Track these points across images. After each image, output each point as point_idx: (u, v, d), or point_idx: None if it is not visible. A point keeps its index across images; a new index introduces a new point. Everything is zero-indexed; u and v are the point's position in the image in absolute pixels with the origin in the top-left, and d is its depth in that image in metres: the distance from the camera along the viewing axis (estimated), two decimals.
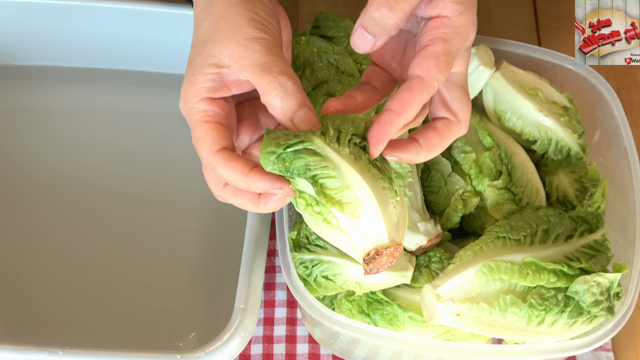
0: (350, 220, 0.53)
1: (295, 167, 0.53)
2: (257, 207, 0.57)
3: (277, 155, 0.54)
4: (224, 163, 0.55)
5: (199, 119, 0.56)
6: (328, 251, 0.65)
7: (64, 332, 0.76)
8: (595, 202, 0.75)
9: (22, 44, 0.89)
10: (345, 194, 0.53)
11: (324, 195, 0.53)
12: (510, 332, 0.62)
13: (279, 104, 0.55)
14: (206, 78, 0.56)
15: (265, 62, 0.55)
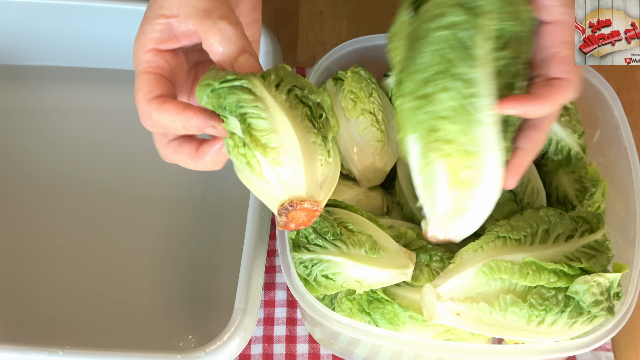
0: (272, 166, 0.53)
1: (228, 102, 0.52)
2: (195, 162, 0.57)
3: (212, 89, 0.53)
4: (158, 107, 0.54)
5: (141, 70, 0.56)
6: (327, 250, 0.65)
7: (64, 332, 0.76)
8: (595, 202, 0.75)
9: (21, 44, 0.89)
10: (271, 138, 0.52)
11: (250, 135, 0.52)
12: (511, 331, 0.61)
13: (218, 50, 0.54)
14: (154, 29, 0.55)
15: (206, 8, 0.54)
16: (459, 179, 0.58)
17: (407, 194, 0.75)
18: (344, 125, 0.75)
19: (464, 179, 0.58)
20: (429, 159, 0.59)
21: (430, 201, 0.61)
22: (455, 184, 0.59)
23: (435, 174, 0.59)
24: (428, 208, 0.62)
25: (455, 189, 0.59)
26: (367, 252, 0.64)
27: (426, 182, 0.61)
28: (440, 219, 0.61)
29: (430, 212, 0.62)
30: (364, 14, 1.01)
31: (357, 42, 0.79)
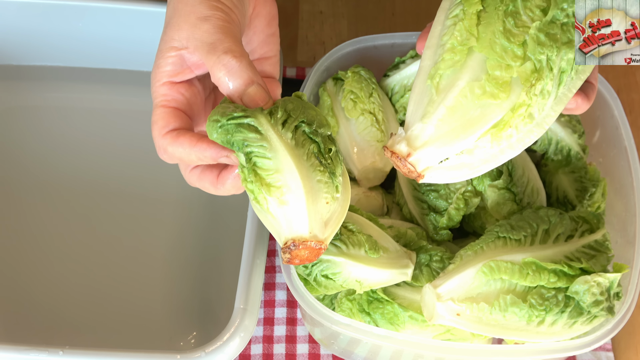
0: (277, 205, 0.53)
1: (235, 139, 0.53)
2: (217, 189, 0.58)
3: (220, 125, 0.54)
4: (172, 141, 0.55)
5: (157, 104, 0.57)
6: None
7: (64, 332, 0.76)
8: (595, 202, 0.75)
9: (22, 44, 0.89)
10: (275, 177, 0.53)
11: (254, 174, 0.53)
12: (511, 332, 0.61)
13: (226, 84, 0.54)
14: (167, 62, 0.56)
15: (211, 42, 0.54)
16: (501, 133, 0.54)
17: (406, 194, 0.75)
18: (344, 126, 0.75)
19: (502, 135, 0.54)
20: (501, 94, 0.53)
21: (446, 129, 0.54)
22: (492, 132, 0.54)
23: (491, 113, 0.53)
24: (435, 132, 0.54)
25: (486, 136, 0.54)
26: (367, 252, 0.64)
27: (463, 110, 0.53)
28: (438, 152, 0.54)
29: (435, 140, 0.54)
30: (364, 14, 1.01)
31: (357, 42, 0.79)
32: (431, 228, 0.72)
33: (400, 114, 0.76)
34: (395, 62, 0.79)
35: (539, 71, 0.53)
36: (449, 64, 0.54)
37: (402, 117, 0.76)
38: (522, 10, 0.54)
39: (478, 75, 0.53)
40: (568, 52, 0.55)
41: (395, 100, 0.77)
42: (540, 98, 0.54)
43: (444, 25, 0.57)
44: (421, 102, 0.55)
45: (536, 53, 0.53)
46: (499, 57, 0.53)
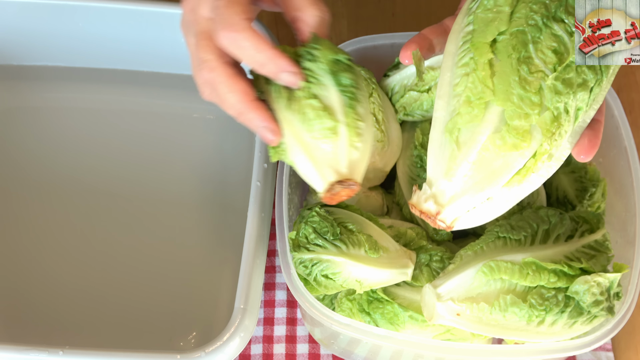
0: (349, 145, 0.59)
1: (345, 78, 0.60)
2: (243, 104, 0.58)
3: (337, 56, 0.60)
4: (252, 31, 0.56)
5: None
6: (327, 250, 0.65)
7: (64, 332, 0.76)
8: (595, 202, 0.75)
9: (22, 44, 0.89)
10: (360, 125, 0.60)
11: (349, 116, 0.60)
12: (511, 332, 0.61)
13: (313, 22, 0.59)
14: None
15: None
16: (524, 176, 0.55)
17: (406, 194, 0.75)
18: None
19: (525, 177, 0.55)
20: (524, 144, 0.53)
21: (473, 183, 0.54)
22: (516, 178, 0.55)
23: (514, 162, 0.54)
24: (462, 188, 0.55)
25: (513, 182, 0.55)
26: (367, 252, 0.64)
27: (487, 162, 0.54)
28: (467, 204, 0.55)
29: (463, 194, 0.55)
30: (364, 14, 1.01)
31: (357, 42, 0.79)
32: (431, 228, 0.72)
33: (400, 114, 0.76)
34: (395, 62, 0.79)
35: (557, 118, 0.54)
36: (467, 118, 0.54)
37: (402, 117, 0.76)
38: (534, 54, 0.53)
39: (497, 126, 0.54)
40: (583, 93, 0.54)
41: (395, 100, 0.77)
42: (559, 139, 0.55)
43: (454, 73, 0.56)
44: (442, 156, 0.56)
45: (554, 102, 0.53)
46: (517, 107, 0.53)
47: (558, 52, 0.54)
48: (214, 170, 0.86)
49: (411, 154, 0.75)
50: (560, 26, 0.54)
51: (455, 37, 0.58)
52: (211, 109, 0.92)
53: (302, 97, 0.59)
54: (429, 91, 0.74)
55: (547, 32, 0.54)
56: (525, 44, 0.54)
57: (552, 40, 0.54)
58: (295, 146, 0.60)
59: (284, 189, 0.70)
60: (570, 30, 0.54)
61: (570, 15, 0.54)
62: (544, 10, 0.54)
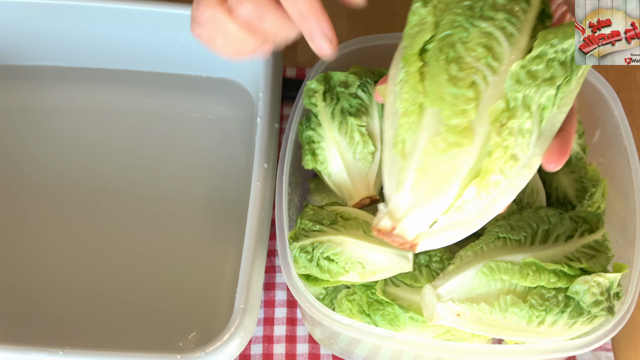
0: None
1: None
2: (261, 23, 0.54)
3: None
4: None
5: None
6: (326, 232, 0.65)
7: (63, 332, 0.76)
8: (595, 202, 0.75)
9: (22, 44, 0.89)
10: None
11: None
12: (511, 332, 0.61)
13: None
14: None
15: None
16: (485, 180, 0.53)
17: None
18: None
19: (488, 182, 0.53)
20: (464, 140, 0.52)
21: (424, 191, 0.53)
22: (475, 183, 0.53)
23: (462, 162, 0.52)
24: (414, 199, 0.53)
25: (470, 188, 0.53)
26: (365, 232, 0.65)
27: (433, 167, 0.53)
28: (424, 216, 0.53)
29: (416, 205, 0.53)
30: (364, 14, 1.01)
31: (357, 42, 0.79)
32: None
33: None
34: None
35: (511, 110, 0.52)
36: (406, 127, 0.54)
37: None
38: (464, 53, 0.53)
39: (437, 129, 0.53)
40: (548, 88, 0.53)
41: None
42: (519, 137, 0.53)
43: (394, 92, 0.56)
44: (392, 172, 0.55)
45: (511, 91, 0.52)
46: (452, 105, 0.52)
47: (489, 46, 0.53)
48: (214, 170, 0.87)
49: None
50: (488, 23, 0.53)
51: (396, 61, 0.58)
52: (211, 109, 0.92)
53: (353, 123, 0.70)
54: None
55: (475, 31, 0.53)
56: (453, 44, 0.53)
57: (481, 37, 0.53)
58: (337, 161, 0.70)
59: (284, 189, 0.70)
60: (501, 25, 0.53)
61: (498, 11, 0.53)
62: (469, 12, 0.54)
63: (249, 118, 0.90)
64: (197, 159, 0.87)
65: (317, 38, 0.52)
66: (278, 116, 0.79)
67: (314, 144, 0.72)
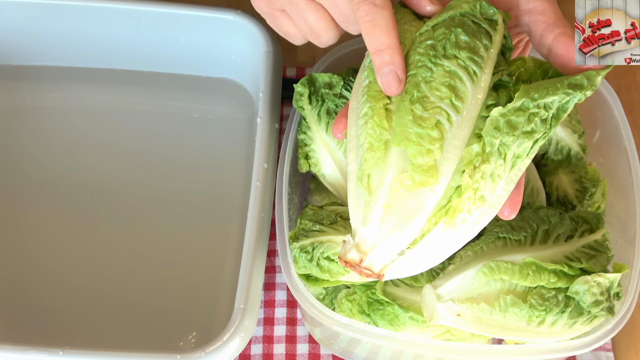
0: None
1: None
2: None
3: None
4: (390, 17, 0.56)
5: None
6: (325, 232, 0.65)
7: (64, 332, 0.76)
8: (595, 202, 0.75)
9: (22, 44, 0.89)
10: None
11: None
12: (511, 332, 0.61)
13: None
14: None
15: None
16: (452, 218, 0.54)
17: None
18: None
19: (455, 220, 0.54)
20: (429, 180, 0.53)
21: (389, 227, 0.54)
22: (441, 220, 0.55)
23: (427, 200, 0.54)
24: (380, 233, 0.55)
25: (438, 225, 0.55)
26: None
27: (399, 203, 0.54)
28: (390, 250, 0.55)
29: (382, 240, 0.55)
30: None
31: (357, 42, 0.79)
32: None
33: None
34: None
35: (486, 154, 0.53)
36: (372, 162, 0.55)
37: None
38: (428, 93, 0.54)
39: (403, 166, 0.54)
40: (526, 141, 0.54)
41: None
42: (490, 181, 0.54)
43: (357, 125, 0.57)
44: (358, 205, 0.56)
45: (489, 136, 0.53)
46: (417, 145, 0.53)
47: (452, 86, 0.54)
48: (214, 170, 0.86)
49: None
50: (452, 62, 0.54)
51: (356, 93, 0.59)
52: (211, 109, 0.92)
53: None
54: None
55: (439, 70, 0.54)
56: (417, 84, 0.54)
57: (444, 77, 0.54)
58: (329, 162, 0.70)
59: (284, 189, 0.70)
60: (464, 64, 0.54)
61: (461, 49, 0.55)
62: (432, 51, 0.55)
63: (249, 118, 0.90)
64: (197, 159, 0.87)
65: (385, 74, 0.55)
66: (278, 116, 0.79)
67: (306, 147, 0.72)
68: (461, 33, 0.55)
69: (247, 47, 0.84)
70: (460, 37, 0.55)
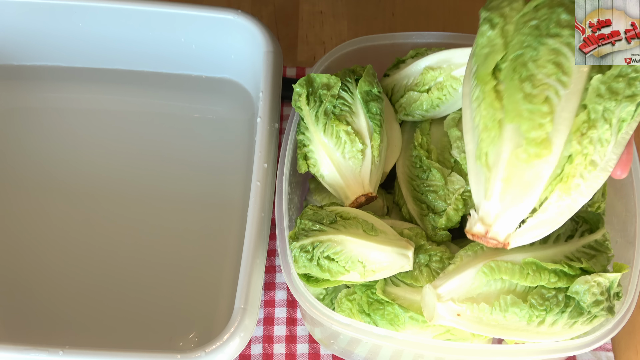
0: (371, 165, 0.71)
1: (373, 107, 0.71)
2: None
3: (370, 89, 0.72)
4: None
5: None
6: (325, 232, 0.65)
7: (64, 332, 0.76)
8: (595, 202, 0.75)
9: (22, 44, 0.89)
10: (383, 148, 0.72)
11: (377, 141, 0.70)
12: (511, 332, 0.61)
13: None
14: None
15: None
16: (568, 184, 0.58)
17: (405, 194, 0.75)
18: None
19: (571, 185, 0.58)
20: (544, 151, 0.57)
21: (510, 198, 0.58)
22: (558, 187, 0.58)
23: (543, 169, 0.57)
24: (502, 205, 0.59)
25: (555, 192, 0.58)
26: (365, 231, 0.65)
27: (517, 176, 0.58)
28: (513, 219, 0.59)
29: (504, 211, 0.59)
30: (364, 14, 1.01)
31: (357, 42, 0.79)
32: (430, 228, 0.72)
33: (400, 114, 0.76)
34: (395, 62, 0.79)
35: (592, 121, 0.57)
36: (488, 141, 0.59)
37: (402, 117, 0.76)
38: (535, 71, 0.57)
39: (517, 141, 0.57)
40: (629, 104, 0.57)
41: (395, 100, 0.77)
42: (599, 146, 0.57)
43: (471, 108, 0.61)
44: (479, 182, 0.60)
45: (592, 103, 0.56)
46: (529, 120, 0.57)
47: (557, 62, 0.57)
48: (214, 170, 0.87)
49: (410, 155, 0.75)
50: (555, 40, 0.57)
51: (467, 79, 0.63)
52: (211, 109, 0.92)
53: (338, 123, 0.71)
54: (428, 91, 0.74)
55: (544, 49, 0.57)
56: (525, 64, 0.57)
57: (550, 55, 0.57)
58: (327, 163, 0.71)
59: (284, 189, 0.70)
60: (567, 41, 0.57)
61: (563, 27, 0.57)
62: (536, 31, 0.58)
63: (249, 118, 0.90)
64: (197, 159, 0.87)
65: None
66: (278, 116, 0.79)
67: (305, 148, 0.73)
68: (562, 12, 0.58)
69: (247, 47, 0.84)
70: (562, 17, 0.58)
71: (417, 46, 0.78)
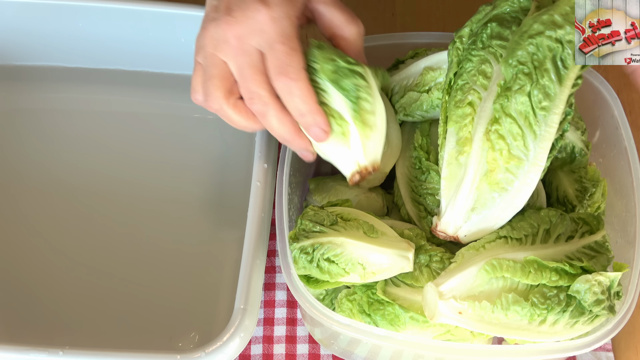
0: (362, 138, 0.66)
1: (345, 82, 0.65)
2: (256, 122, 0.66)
3: (335, 65, 0.65)
4: (305, 86, 0.63)
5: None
6: (326, 234, 0.65)
7: (64, 332, 0.76)
8: (595, 203, 0.75)
9: (22, 44, 0.89)
10: (371, 119, 0.66)
11: (358, 113, 0.65)
12: (512, 331, 0.61)
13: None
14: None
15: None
16: (493, 178, 0.63)
17: (404, 195, 0.75)
18: None
19: (497, 179, 0.63)
20: (465, 148, 0.64)
21: (451, 193, 0.65)
22: (485, 182, 0.63)
23: (469, 165, 0.64)
24: (445, 201, 0.66)
25: (483, 187, 0.63)
26: (366, 233, 0.65)
27: (453, 173, 0.65)
28: (455, 213, 0.65)
29: (447, 206, 0.66)
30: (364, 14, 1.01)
31: None
32: (428, 230, 0.72)
33: (399, 115, 0.76)
34: (395, 62, 0.79)
35: (496, 117, 0.62)
36: (442, 145, 0.67)
37: (402, 118, 0.76)
38: (467, 79, 0.66)
39: (453, 142, 0.66)
40: (520, 96, 0.62)
41: (395, 101, 0.77)
42: (512, 140, 0.62)
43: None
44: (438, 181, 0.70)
45: (497, 100, 0.63)
46: (457, 123, 0.65)
47: (482, 70, 0.65)
48: (214, 170, 0.87)
49: (410, 155, 0.75)
50: (486, 50, 0.65)
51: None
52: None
53: None
54: (428, 92, 0.74)
55: (476, 59, 0.66)
56: (461, 75, 0.67)
57: (478, 64, 0.65)
58: (320, 151, 0.69)
59: (284, 189, 0.70)
60: (493, 50, 0.65)
61: (493, 39, 0.65)
62: (472, 46, 0.67)
63: None
64: (197, 159, 0.88)
65: (313, 130, 0.64)
66: None
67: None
68: (493, 26, 0.66)
69: None
70: (489, 31, 0.66)
71: (417, 46, 0.78)
